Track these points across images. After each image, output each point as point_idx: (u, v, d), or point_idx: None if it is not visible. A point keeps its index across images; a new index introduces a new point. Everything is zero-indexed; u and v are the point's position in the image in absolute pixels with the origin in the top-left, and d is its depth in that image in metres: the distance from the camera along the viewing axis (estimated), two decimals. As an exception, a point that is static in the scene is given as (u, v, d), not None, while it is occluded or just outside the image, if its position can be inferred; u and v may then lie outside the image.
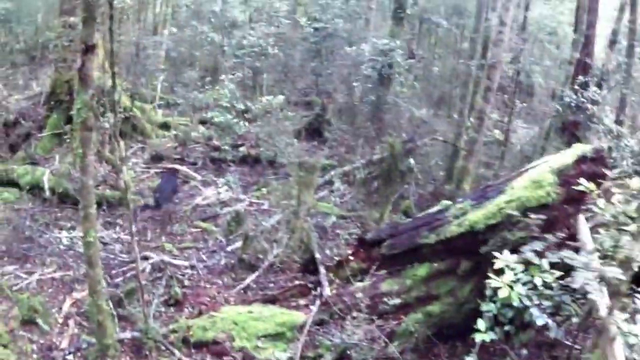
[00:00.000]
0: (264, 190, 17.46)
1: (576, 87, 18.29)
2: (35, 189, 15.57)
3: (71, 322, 11.11)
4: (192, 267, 13.23)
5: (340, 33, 22.66)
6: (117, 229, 14.87)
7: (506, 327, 8.21)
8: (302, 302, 11.54)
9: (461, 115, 19.38)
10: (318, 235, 14.31)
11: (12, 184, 15.83)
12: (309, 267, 12.83)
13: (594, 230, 8.58)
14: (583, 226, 8.91)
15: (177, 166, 18.40)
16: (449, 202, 11.04)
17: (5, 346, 9.83)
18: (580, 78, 18.67)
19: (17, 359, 9.82)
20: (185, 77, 23.62)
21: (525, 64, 18.17)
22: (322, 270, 12.17)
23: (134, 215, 15.19)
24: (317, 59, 23.09)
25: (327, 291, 11.35)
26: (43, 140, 17.86)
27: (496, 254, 8.18)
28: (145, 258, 13.12)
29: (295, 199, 13.97)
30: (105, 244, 13.98)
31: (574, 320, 8.21)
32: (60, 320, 11.11)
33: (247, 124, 19.28)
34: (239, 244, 13.94)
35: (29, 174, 15.81)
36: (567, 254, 7.81)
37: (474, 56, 22.19)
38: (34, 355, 10.18)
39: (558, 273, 7.98)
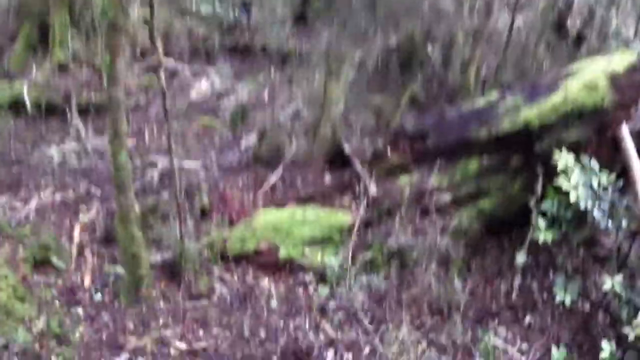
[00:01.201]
0: (260, 79, 15.21)
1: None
2: (15, 105, 13.27)
3: (87, 253, 9.17)
4: (206, 168, 11.10)
5: None
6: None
7: (564, 227, 8.40)
8: (344, 200, 9.87)
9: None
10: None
11: (-10, 101, 13.51)
12: (337, 161, 11.06)
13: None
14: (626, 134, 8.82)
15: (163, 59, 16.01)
16: (495, 95, 9.70)
17: (22, 299, 7.93)
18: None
19: (38, 312, 7.91)
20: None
21: None
22: (357, 164, 10.40)
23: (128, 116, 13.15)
24: None
25: (373, 188, 9.67)
26: (16, 52, 15.41)
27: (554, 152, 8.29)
28: (148, 164, 11.04)
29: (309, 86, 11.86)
30: (100, 152, 11.87)
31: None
32: (75, 252, 9.09)
33: (236, 10, 16.81)
34: (250, 138, 11.83)
35: (6, 90, 13.48)
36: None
37: None
38: (56, 302, 8.32)
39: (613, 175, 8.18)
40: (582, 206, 7.93)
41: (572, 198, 7.90)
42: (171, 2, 18.74)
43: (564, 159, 8.18)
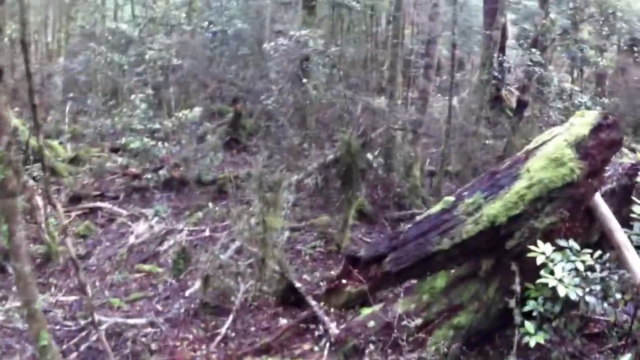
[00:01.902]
0: (199, 214, 15.05)
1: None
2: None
3: None
4: (152, 323, 10.75)
5: (243, 34, 20.29)
6: (53, 289, 12.31)
7: (554, 323, 8.04)
8: (305, 346, 9.39)
9: (392, 97, 17.07)
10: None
11: None
12: (289, 299, 10.70)
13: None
14: (599, 199, 8.57)
15: (99, 204, 15.83)
16: (451, 199, 9.09)
17: None
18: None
19: None
20: (89, 104, 20.90)
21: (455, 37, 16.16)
22: (311, 302, 10.11)
23: (66, 271, 12.82)
24: (220, 64, 20.74)
25: (334, 328, 9.28)
26: None
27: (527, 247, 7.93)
28: (95, 323, 10.62)
29: (247, 221, 11.69)
30: (44, 311, 11.43)
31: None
32: None
33: (166, 144, 16.70)
34: (196, 285, 11.60)
35: None
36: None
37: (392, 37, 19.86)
38: None
39: (596, 253, 7.85)
40: (572, 297, 7.52)
41: (561, 293, 7.50)
42: (102, 138, 18.70)
43: (541, 250, 7.79)
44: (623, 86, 21.36)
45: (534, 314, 7.97)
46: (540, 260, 7.75)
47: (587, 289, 7.64)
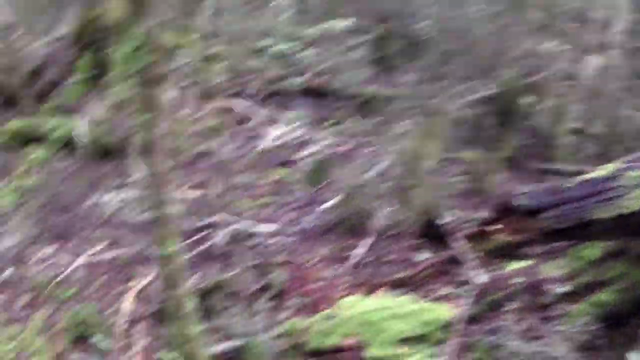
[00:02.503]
0: (340, 127, 13.84)
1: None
2: (69, 144, 12.06)
3: (138, 330, 7.76)
4: (281, 232, 9.68)
5: None
6: (176, 182, 11.34)
7: None
8: (444, 289, 8.25)
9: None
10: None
11: (42, 140, 12.30)
12: (432, 233, 9.42)
13: None
14: None
15: (234, 102, 14.81)
16: (615, 166, 7.76)
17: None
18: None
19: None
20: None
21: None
22: (457, 244, 8.80)
23: (192, 166, 11.89)
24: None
25: (483, 277, 8.08)
26: (73, 86, 14.27)
27: None
28: (211, 226, 9.69)
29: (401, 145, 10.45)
30: None
31: None
32: (124, 327, 7.67)
33: (311, 51, 15.49)
34: (333, 199, 10.38)
35: (61, 127, 12.32)
36: None
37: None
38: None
39: None
40: None
41: None
42: (243, 38, 17.59)
43: None
44: None
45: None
46: None
47: None
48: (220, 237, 9.54)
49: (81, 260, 8.89)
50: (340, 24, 15.73)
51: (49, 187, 10.79)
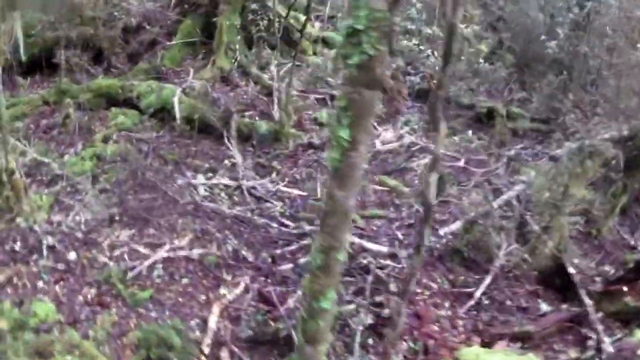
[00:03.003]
0: (454, 139, 12.18)
1: None
2: (162, 113, 10.52)
3: (225, 356, 6.03)
4: (393, 255, 7.96)
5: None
6: (274, 175, 9.78)
7: None
8: (571, 353, 6.85)
9: None
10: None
11: (131, 104, 10.79)
12: (553, 280, 8.06)
13: None
14: None
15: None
16: None
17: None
18: None
19: None
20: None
21: None
22: (586, 301, 7.48)
23: (294, 159, 10.31)
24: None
25: (608, 343, 6.79)
26: (172, 49, 12.79)
27: None
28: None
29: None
30: (258, 198, 8.98)
31: None
32: (207, 350, 6.05)
33: (434, 53, 13.75)
34: (451, 225, 8.68)
35: (154, 92, 10.80)
36: None
37: None
38: None
39: None
40: None
41: None
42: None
43: None
44: None
45: None
46: None
47: None
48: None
49: (161, 254, 7.29)
50: (467, 29, 13.93)
51: (131, 159, 9.25)
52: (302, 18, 14.16)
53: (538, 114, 13.09)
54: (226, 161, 9.86)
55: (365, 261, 7.75)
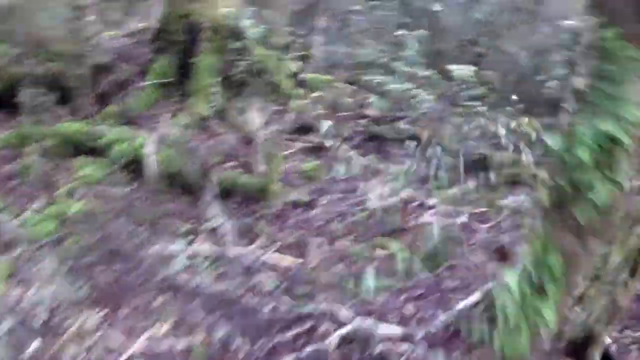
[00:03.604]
0: (453, 191, 11.12)
1: None
2: (133, 164, 9.37)
3: None
4: (407, 337, 6.85)
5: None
6: (262, 239, 8.65)
7: None
8: None
9: None
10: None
11: (98, 153, 9.62)
12: (583, 352, 6.60)
13: None
14: None
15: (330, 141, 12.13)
16: None
17: None
18: None
19: None
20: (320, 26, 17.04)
21: None
22: None
23: (282, 219, 9.20)
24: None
25: None
26: (146, 90, 11.59)
27: None
28: (313, 317, 7.02)
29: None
30: (247, 268, 7.98)
31: None
32: None
33: (426, 95, 12.73)
34: (470, 297, 7.56)
35: (123, 140, 9.60)
36: None
37: None
38: None
39: None
40: None
41: None
42: (344, 68, 14.92)
43: None
44: None
45: None
46: None
47: None
48: (326, 337, 6.76)
49: (138, 345, 6.01)
50: (462, 70, 12.95)
51: (99, 220, 8.01)
52: (285, 58, 13.18)
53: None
54: (208, 222, 8.66)
55: (378, 349, 6.59)
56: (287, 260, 8.37)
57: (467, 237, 9.65)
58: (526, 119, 12.34)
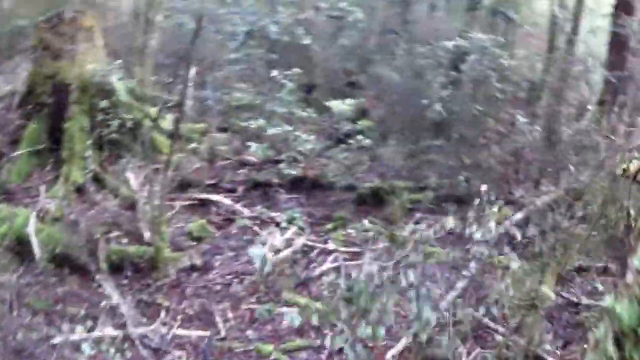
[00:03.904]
0: (349, 231, 11.11)
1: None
2: (19, 246, 8.87)
3: None
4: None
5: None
6: (163, 315, 8.39)
7: None
8: None
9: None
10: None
11: (-21, 236, 9.05)
12: None
13: None
14: None
15: (213, 197, 11.83)
16: None
17: None
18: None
19: None
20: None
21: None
22: None
23: (179, 288, 8.93)
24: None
25: None
26: (19, 160, 10.99)
27: None
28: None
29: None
30: (154, 350, 7.62)
31: None
32: None
33: (306, 136, 12.65)
34: (396, 345, 7.50)
35: (5, 220, 9.05)
36: None
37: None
38: None
39: None
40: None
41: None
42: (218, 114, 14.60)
43: None
44: None
45: None
46: None
47: None
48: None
49: None
50: (343, 105, 12.96)
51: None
52: (157, 112, 12.77)
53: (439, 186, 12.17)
54: (104, 302, 8.25)
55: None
56: (195, 335, 8.06)
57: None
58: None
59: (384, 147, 13.56)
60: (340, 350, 7.75)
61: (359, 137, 12.93)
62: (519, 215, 10.23)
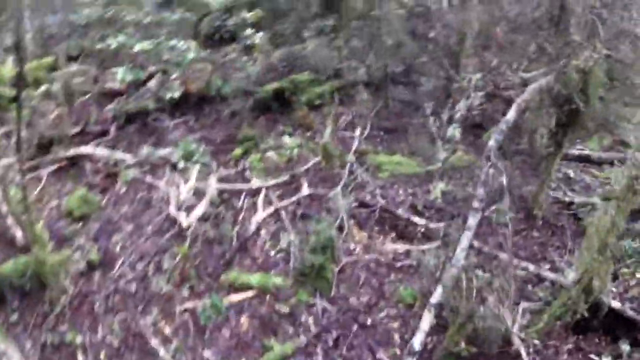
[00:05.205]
0: (268, 153, 8.75)
1: None
2: None
3: None
4: None
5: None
6: (80, 356, 5.93)
7: None
8: None
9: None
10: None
11: None
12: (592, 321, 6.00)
13: None
14: None
15: (83, 149, 9.10)
16: None
17: None
18: None
19: None
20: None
21: None
22: None
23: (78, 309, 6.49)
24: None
25: None
26: None
27: None
28: None
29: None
30: None
31: None
32: None
33: (189, 43, 9.86)
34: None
35: None
36: None
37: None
38: None
39: None
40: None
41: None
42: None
43: None
44: None
45: None
46: None
47: None
48: None
49: None
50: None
51: None
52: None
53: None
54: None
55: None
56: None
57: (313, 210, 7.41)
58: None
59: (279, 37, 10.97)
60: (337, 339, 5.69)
61: (249, 31, 10.31)
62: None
